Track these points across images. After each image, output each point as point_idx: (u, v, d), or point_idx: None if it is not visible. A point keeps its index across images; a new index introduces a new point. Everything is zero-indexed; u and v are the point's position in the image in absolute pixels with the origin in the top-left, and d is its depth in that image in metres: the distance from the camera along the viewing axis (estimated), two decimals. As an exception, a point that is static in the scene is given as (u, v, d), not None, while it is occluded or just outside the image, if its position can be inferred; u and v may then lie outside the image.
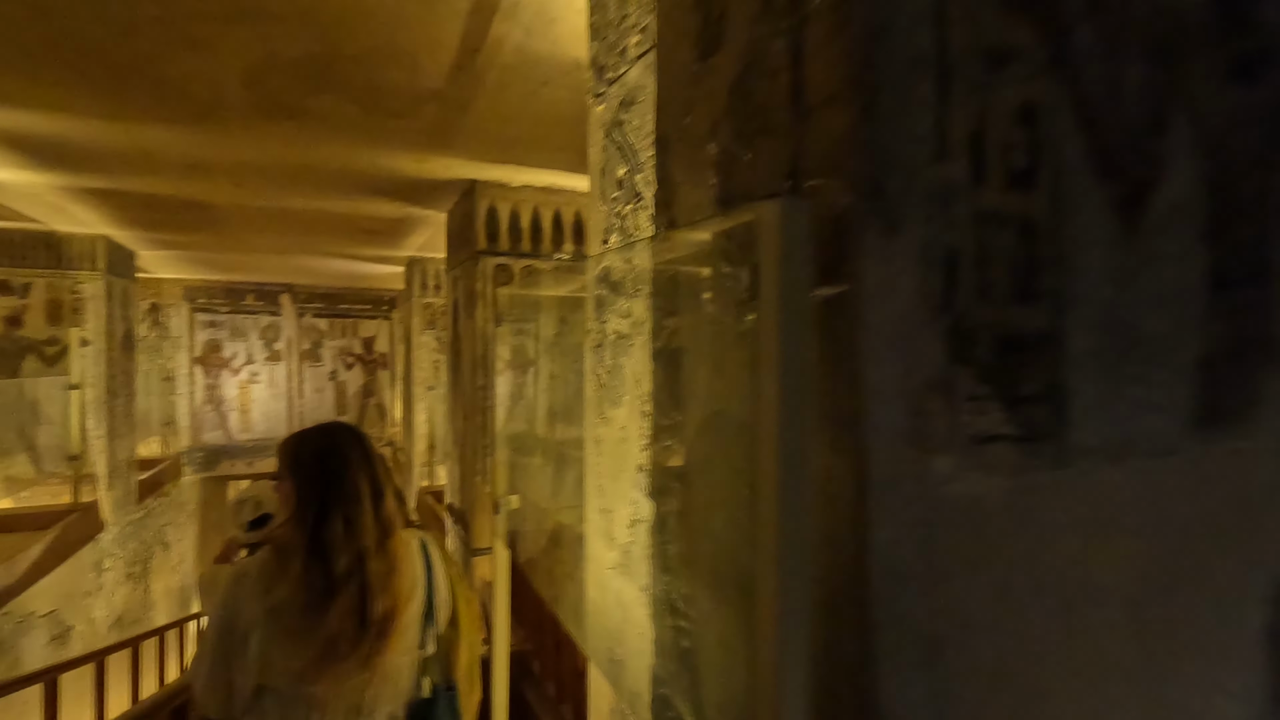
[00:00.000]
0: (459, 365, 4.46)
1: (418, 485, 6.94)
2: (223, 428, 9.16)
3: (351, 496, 1.35)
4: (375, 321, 10.05)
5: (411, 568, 1.43)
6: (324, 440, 1.43)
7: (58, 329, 5.68)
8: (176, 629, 6.97)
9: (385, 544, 1.36)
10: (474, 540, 4.03)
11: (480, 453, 4.02)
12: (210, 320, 9.13)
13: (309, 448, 1.42)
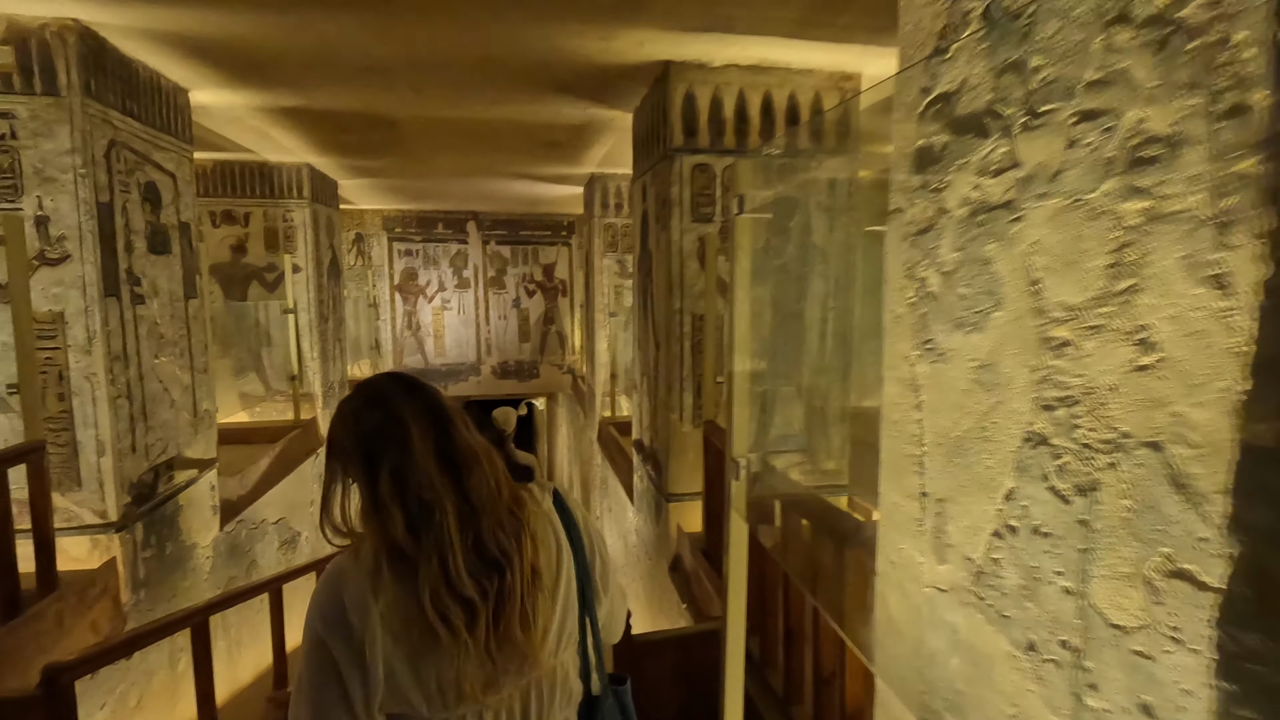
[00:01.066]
0: (649, 286, 3.93)
1: (599, 415, 6.72)
2: (420, 352, 9.65)
3: (428, 473, 0.96)
4: (554, 248, 9.93)
5: (549, 538, 1.05)
6: (373, 407, 1.00)
7: (274, 256, 5.99)
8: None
9: (502, 516, 0.99)
10: (668, 484, 3.56)
11: (677, 386, 3.49)
12: (406, 249, 9.51)
13: (355, 420, 1.00)
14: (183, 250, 3.69)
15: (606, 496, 6.14)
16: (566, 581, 1.05)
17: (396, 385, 1.01)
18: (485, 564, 0.95)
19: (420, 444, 0.95)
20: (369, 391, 1.02)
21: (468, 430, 1.01)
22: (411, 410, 0.97)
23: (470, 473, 0.97)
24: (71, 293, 2.94)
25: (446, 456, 0.96)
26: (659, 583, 3.84)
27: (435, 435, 0.96)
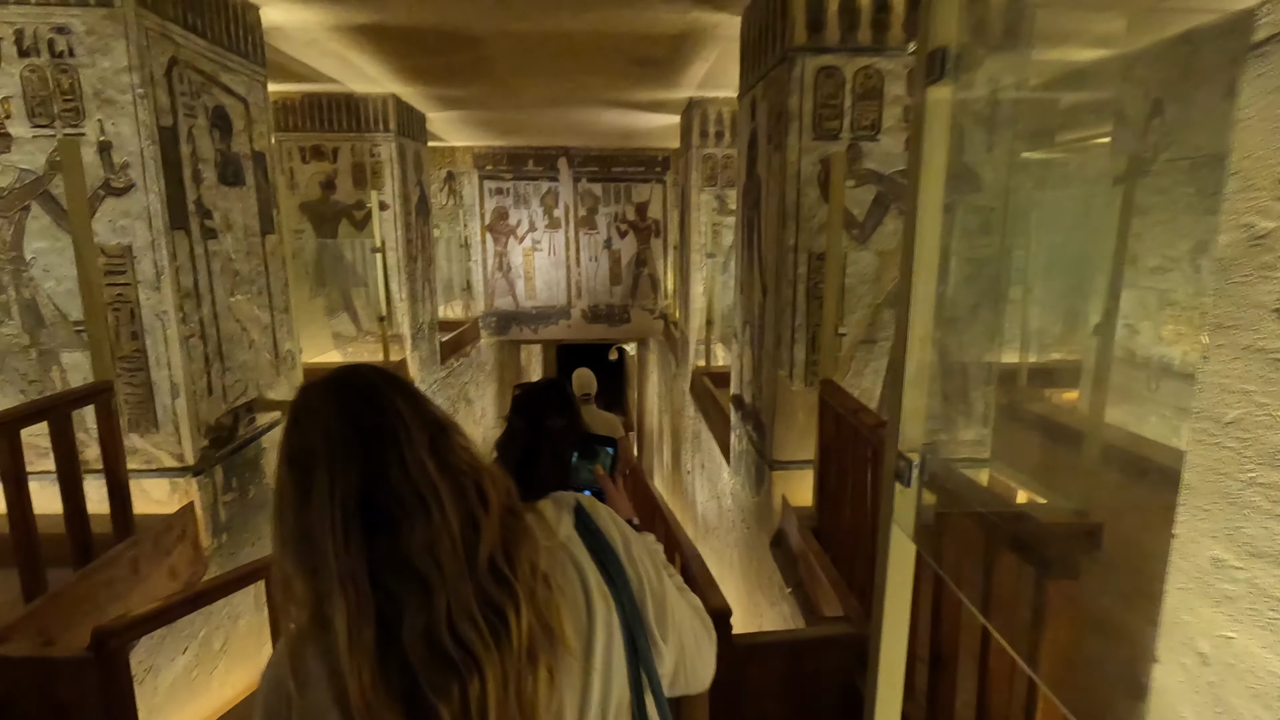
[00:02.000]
0: (755, 220, 3.39)
1: (693, 364, 6.29)
2: (511, 294, 9.50)
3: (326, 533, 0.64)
4: (648, 185, 9.39)
5: (571, 583, 0.74)
6: (291, 432, 0.70)
7: (362, 193, 5.83)
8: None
9: (476, 586, 0.66)
10: (772, 449, 3.10)
11: (787, 338, 2.99)
12: (497, 188, 9.26)
13: (316, 426, 0.68)
14: (257, 182, 3.48)
15: (699, 452, 5.76)
16: (605, 640, 0.74)
17: (318, 393, 0.70)
18: (437, 665, 0.63)
19: (323, 485, 0.63)
20: (293, 408, 0.71)
21: (436, 451, 0.68)
22: (324, 432, 0.65)
23: (409, 529, 0.64)
24: (138, 225, 2.76)
25: (369, 503, 0.64)
26: (758, 556, 3.44)
27: (356, 469, 0.64)
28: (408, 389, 0.71)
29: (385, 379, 0.71)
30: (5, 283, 2.79)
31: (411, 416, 0.67)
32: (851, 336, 2.91)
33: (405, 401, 0.69)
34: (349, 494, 0.63)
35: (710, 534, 5.12)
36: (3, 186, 2.71)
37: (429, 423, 0.68)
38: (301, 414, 0.68)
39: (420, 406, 0.70)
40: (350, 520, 0.63)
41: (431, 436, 0.68)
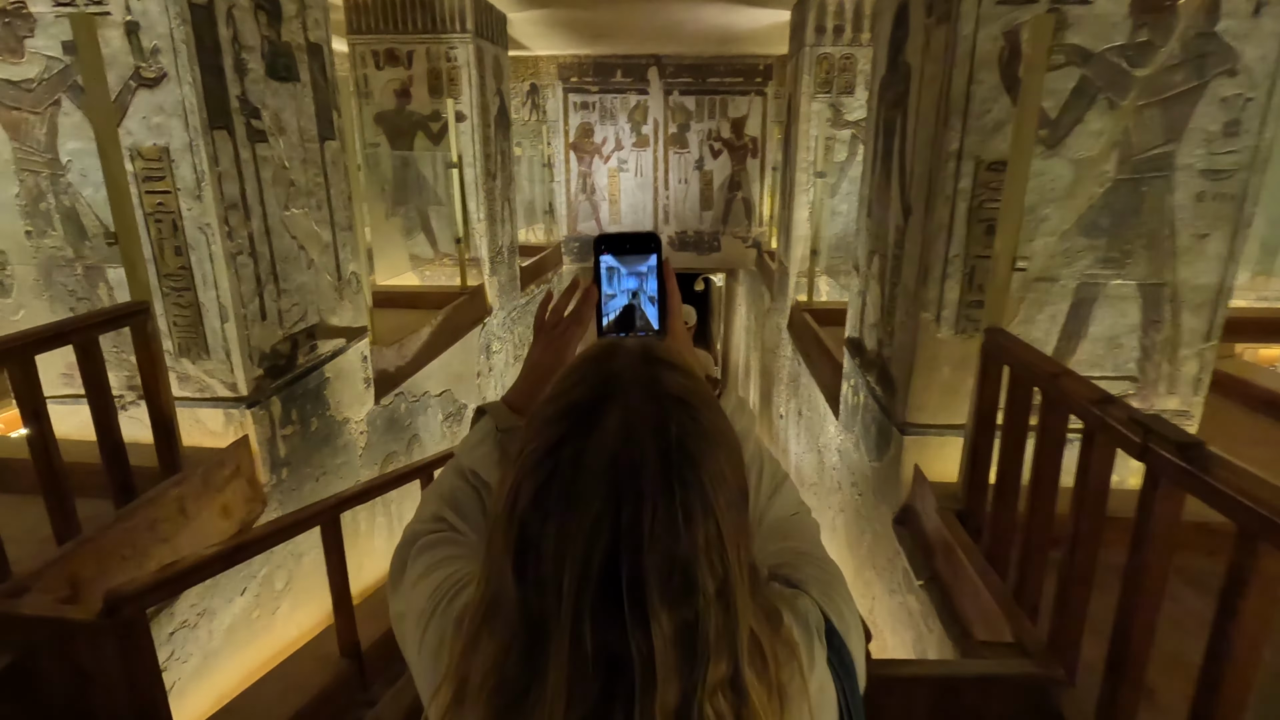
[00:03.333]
0: (898, 121, 2.69)
1: (792, 299, 5.64)
2: (595, 218, 8.99)
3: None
4: (746, 98, 8.49)
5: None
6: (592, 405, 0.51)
7: (438, 102, 5.38)
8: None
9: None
10: (905, 409, 2.53)
11: (937, 271, 2.35)
12: (583, 101, 8.62)
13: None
14: (314, 78, 3.07)
15: (796, 398, 5.20)
16: None
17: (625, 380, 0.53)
18: None
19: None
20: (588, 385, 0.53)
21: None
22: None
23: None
24: (173, 122, 2.41)
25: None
26: (874, 531, 2.92)
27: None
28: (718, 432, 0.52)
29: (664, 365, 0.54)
30: (44, 188, 2.53)
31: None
32: (1028, 271, 2.24)
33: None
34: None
35: (806, 489, 4.62)
36: (30, 78, 2.40)
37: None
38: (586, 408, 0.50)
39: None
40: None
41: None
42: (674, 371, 0.53)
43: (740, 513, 0.51)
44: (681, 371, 0.54)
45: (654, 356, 0.54)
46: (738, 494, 0.50)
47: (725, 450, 0.50)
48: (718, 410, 0.53)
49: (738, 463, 0.52)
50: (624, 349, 0.55)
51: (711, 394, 0.55)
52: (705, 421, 0.50)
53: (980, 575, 1.96)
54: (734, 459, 0.52)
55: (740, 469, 0.53)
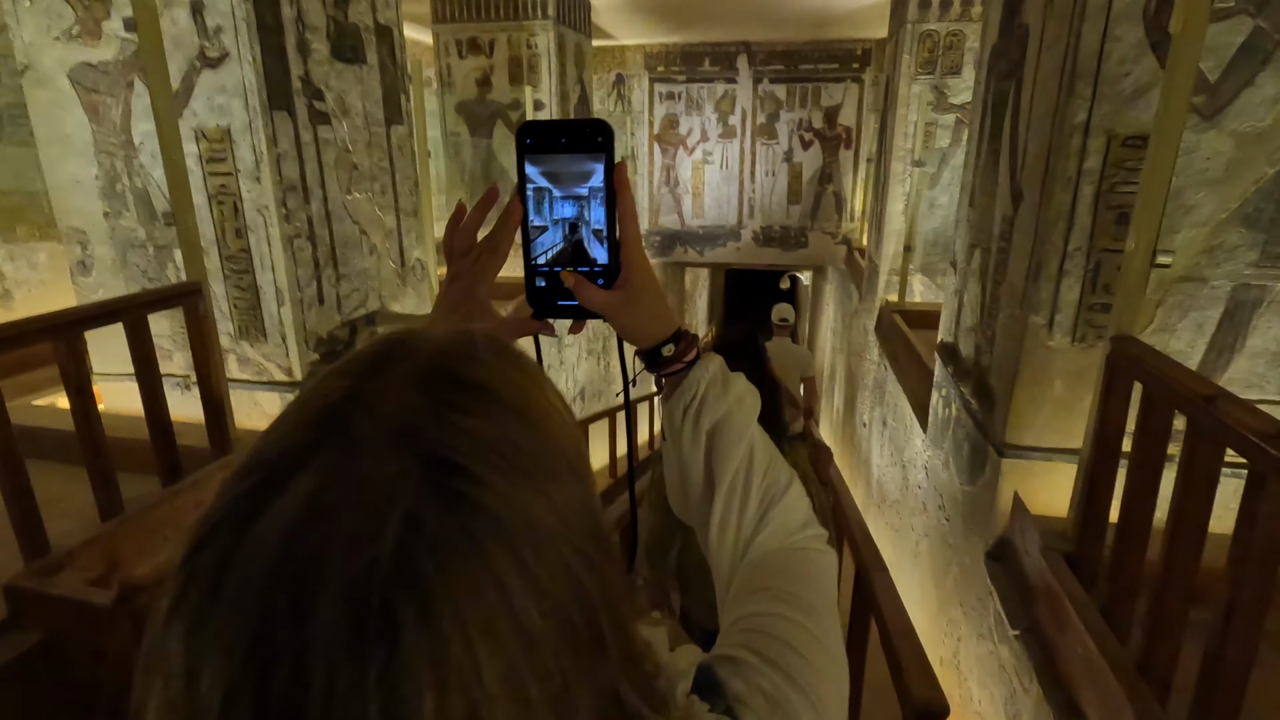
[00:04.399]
0: (1010, 96, 2.33)
1: (881, 299, 5.23)
2: (677, 212, 8.78)
3: None
4: (840, 86, 8.03)
5: None
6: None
7: (518, 90, 5.33)
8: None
9: None
10: (1004, 427, 2.17)
11: (1052, 266, 1.99)
12: (668, 92, 8.41)
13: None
14: (382, 61, 3.02)
15: (881, 406, 4.80)
16: None
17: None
18: None
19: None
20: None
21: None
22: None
23: None
24: (234, 102, 2.39)
25: None
26: (962, 563, 2.57)
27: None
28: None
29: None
30: (119, 170, 2.58)
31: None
32: (1170, 270, 1.85)
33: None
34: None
35: (887, 507, 4.24)
36: (106, 60, 2.45)
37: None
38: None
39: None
40: None
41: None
42: (486, 400, 0.32)
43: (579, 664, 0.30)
44: (503, 399, 0.32)
45: (452, 373, 0.32)
46: (565, 634, 0.29)
47: (550, 563, 0.29)
48: (559, 480, 0.32)
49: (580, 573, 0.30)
50: (411, 351, 0.33)
51: (550, 451, 0.33)
52: (499, 509, 0.28)
53: (1093, 634, 1.61)
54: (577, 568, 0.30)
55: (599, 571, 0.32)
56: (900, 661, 1.45)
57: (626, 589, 0.38)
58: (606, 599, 0.31)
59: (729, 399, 0.60)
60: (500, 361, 0.34)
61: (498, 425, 0.31)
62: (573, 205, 0.55)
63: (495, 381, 0.33)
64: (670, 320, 0.60)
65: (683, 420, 0.59)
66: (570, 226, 0.55)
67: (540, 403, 0.34)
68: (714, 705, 0.42)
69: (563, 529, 0.30)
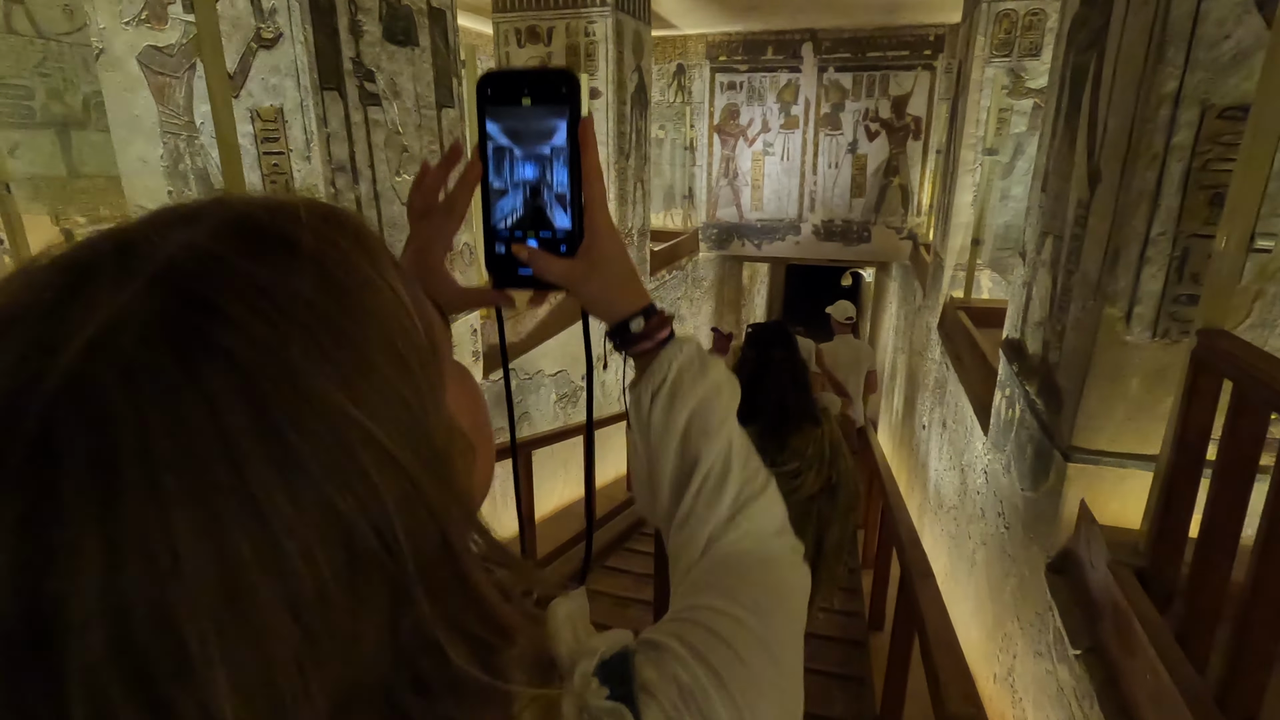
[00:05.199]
0: (1090, 68, 2.13)
1: (945, 295, 4.97)
2: (735, 204, 8.62)
3: None
4: (910, 74, 7.70)
5: None
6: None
7: (574, 79, 5.31)
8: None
9: None
10: (1071, 429, 2.00)
11: (1131, 254, 1.81)
12: (730, 81, 8.26)
13: None
14: (434, 44, 3.03)
15: (941, 406, 4.57)
16: None
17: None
18: None
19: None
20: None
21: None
22: None
23: None
24: (287, 82, 2.43)
25: None
26: (1020, 574, 2.39)
27: None
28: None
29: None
30: (182, 150, 2.67)
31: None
32: (1271, 256, 1.64)
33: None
34: None
35: (944, 512, 4.03)
36: (171, 43, 2.53)
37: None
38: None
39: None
40: None
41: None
42: (285, 253, 0.27)
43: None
44: (306, 256, 0.27)
45: (259, 225, 0.28)
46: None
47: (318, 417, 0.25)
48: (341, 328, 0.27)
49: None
50: (228, 205, 0.29)
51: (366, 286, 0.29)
52: (247, 356, 0.24)
53: (1165, 659, 1.45)
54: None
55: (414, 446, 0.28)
56: (939, 674, 1.33)
57: (472, 527, 0.33)
58: (417, 522, 0.27)
59: (706, 383, 0.53)
60: (325, 226, 0.30)
61: (287, 277, 0.26)
62: (534, 166, 0.50)
63: (307, 240, 0.28)
64: (640, 293, 0.55)
65: (651, 405, 0.53)
66: (531, 190, 0.51)
67: (364, 274, 0.29)
68: (612, 691, 0.36)
69: (357, 415, 0.26)
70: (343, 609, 0.24)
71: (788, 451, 2.29)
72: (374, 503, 0.25)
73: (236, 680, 0.22)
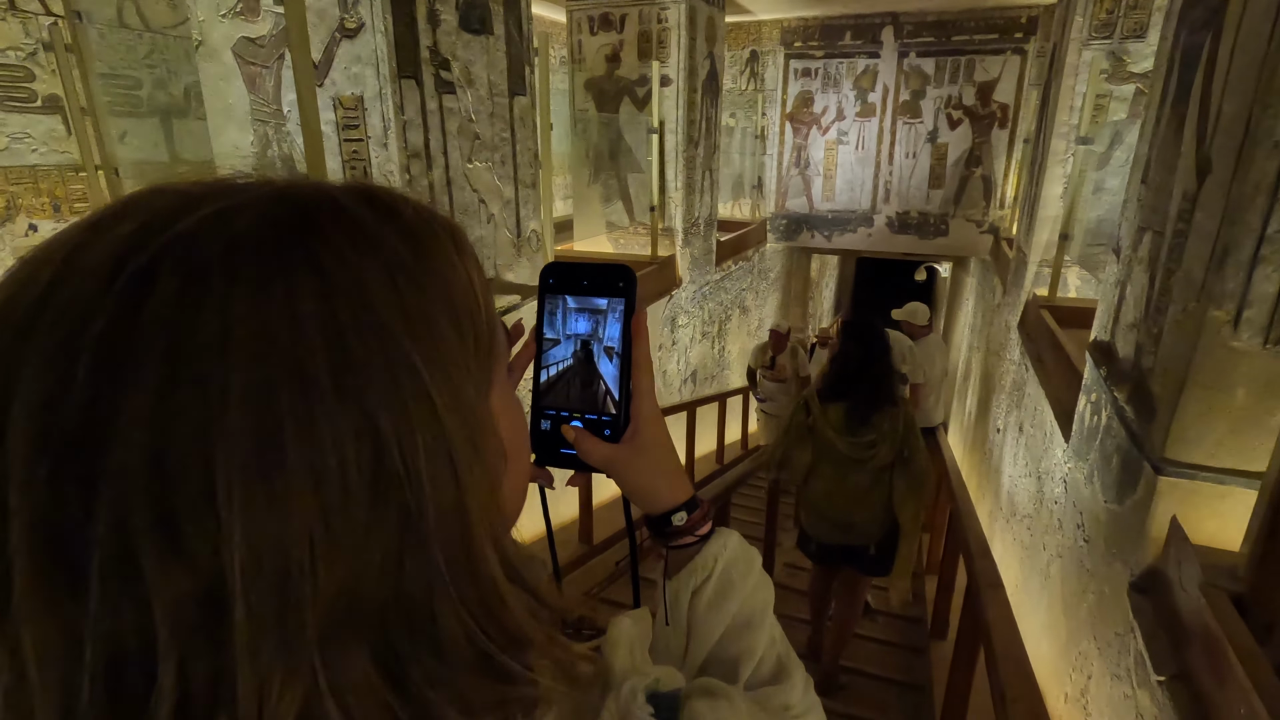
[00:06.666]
0: (1203, 51, 1.96)
1: (1028, 293, 4.72)
2: (806, 194, 8.42)
3: None
4: (999, 58, 7.30)
5: None
6: None
7: (646, 67, 5.29)
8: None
9: None
10: (1165, 439, 1.85)
11: (1243, 252, 1.66)
12: (804, 68, 8.05)
13: None
14: (508, 32, 3.07)
15: (1018, 410, 4.35)
16: None
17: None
18: None
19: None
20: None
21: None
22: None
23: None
24: (367, 71, 2.51)
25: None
26: (1103, 595, 2.25)
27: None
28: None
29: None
30: (270, 137, 2.81)
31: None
32: None
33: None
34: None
35: (1016, 521, 3.84)
36: (262, 35, 2.65)
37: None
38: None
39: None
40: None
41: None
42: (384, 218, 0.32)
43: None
44: (399, 224, 0.33)
45: (369, 193, 0.33)
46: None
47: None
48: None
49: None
50: (326, 191, 0.33)
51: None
52: (335, 266, 0.28)
53: (1263, 694, 1.33)
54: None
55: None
56: (1005, 690, 1.27)
57: (497, 523, 0.34)
58: (441, 475, 0.29)
59: (752, 578, 0.56)
60: (426, 212, 0.35)
61: (383, 226, 0.31)
62: (587, 352, 0.53)
63: (409, 213, 0.33)
64: (683, 485, 0.56)
65: (693, 600, 0.54)
66: (582, 374, 0.53)
67: (447, 254, 0.34)
68: (658, 713, 0.37)
69: (409, 350, 0.29)
70: (359, 515, 0.27)
71: (868, 426, 2.73)
72: (407, 434, 0.28)
73: (251, 534, 0.24)
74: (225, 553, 0.24)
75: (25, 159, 3.65)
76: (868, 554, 2.89)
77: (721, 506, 3.97)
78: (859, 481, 2.77)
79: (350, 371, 0.27)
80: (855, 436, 2.74)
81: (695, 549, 0.55)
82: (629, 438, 0.53)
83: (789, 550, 4.89)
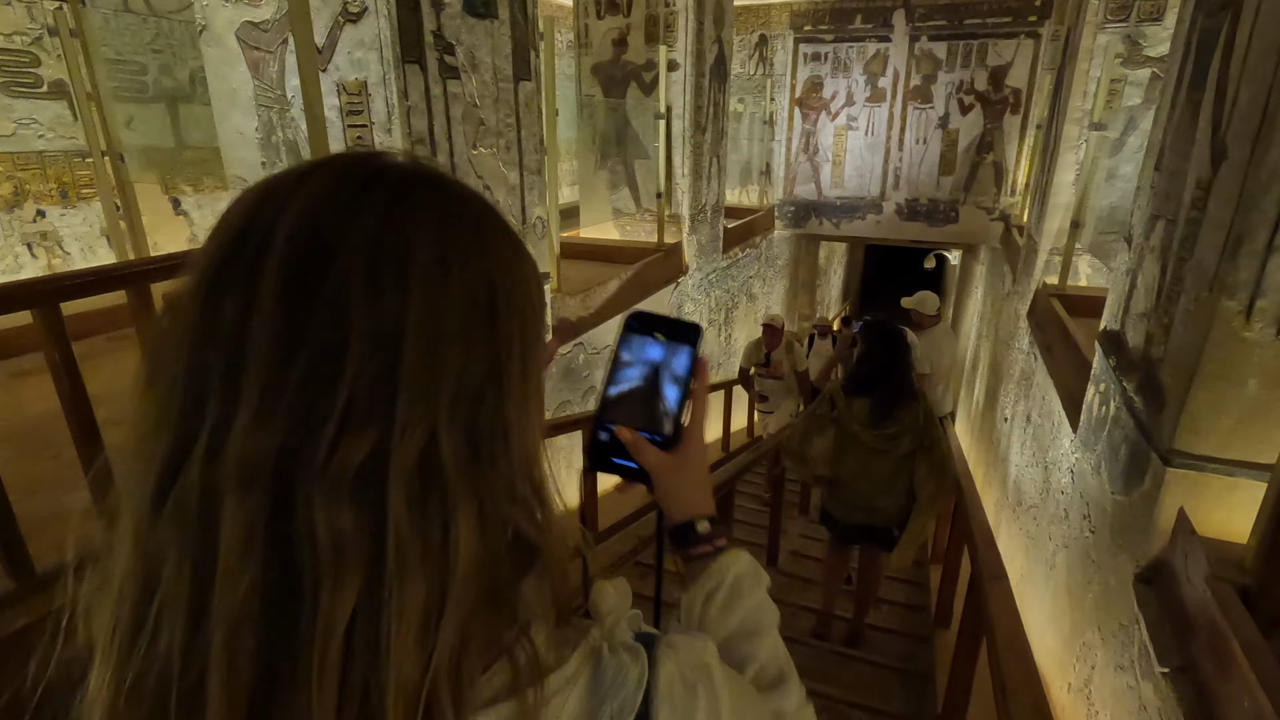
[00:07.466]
0: (1220, 31, 1.92)
1: (1038, 281, 4.67)
2: (814, 181, 8.34)
3: None
4: (1012, 42, 7.19)
5: None
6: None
7: (653, 51, 5.23)
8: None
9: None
10: (1174, 430, 1.83)
11: (1263, 242, 1.63)
12: (814, 52, 7.95)
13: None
14: (513, 16, 3.04)
15: (1026, 400, 4.32)
16: None
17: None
18: None
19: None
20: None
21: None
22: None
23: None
24: (370, 56, 2.49)
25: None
26: (1108, 586, 2.24)
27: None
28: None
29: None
30: (274, 122, 2.79)
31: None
32: None
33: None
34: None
35: (1022, 511, 3.82)
36: (266, 19, 2.63)
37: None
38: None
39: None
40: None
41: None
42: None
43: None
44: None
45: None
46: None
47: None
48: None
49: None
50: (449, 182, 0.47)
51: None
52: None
53: (1268, 688, 1.32)
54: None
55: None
56: (1006, 681, 1.26)
57: (537, 421, 0.44)
58: (509, 354, 0.41)
59: (759, 592, 0.62)
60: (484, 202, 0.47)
61: (474, 196, 0.46)
62: (652, 383, 0.61)
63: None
64: (710, 500, 0.64)
65: (705, 605, 0.60)
66: (645, 399, 0.61)
67: (507, 228, 0.47)
68: (638, 637, 0.44)
69: (489, 265, 0.42)
70: (463, 343, 0.38)
71: (891, 419, 2.94)
72: (512, 340, 0.41)
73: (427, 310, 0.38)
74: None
75: (32, 145, 3.65)
76: (890, 534, 3.06)
77: (726, 494, 3.97)
78: (881, 469, 2.97)
79: (457, 260, 0.39)
80: (879, 429, 2.95)
81: (711, 559, 0.62)
82: (678, 451, 0.61)
83: (794, 538, 4.89)
